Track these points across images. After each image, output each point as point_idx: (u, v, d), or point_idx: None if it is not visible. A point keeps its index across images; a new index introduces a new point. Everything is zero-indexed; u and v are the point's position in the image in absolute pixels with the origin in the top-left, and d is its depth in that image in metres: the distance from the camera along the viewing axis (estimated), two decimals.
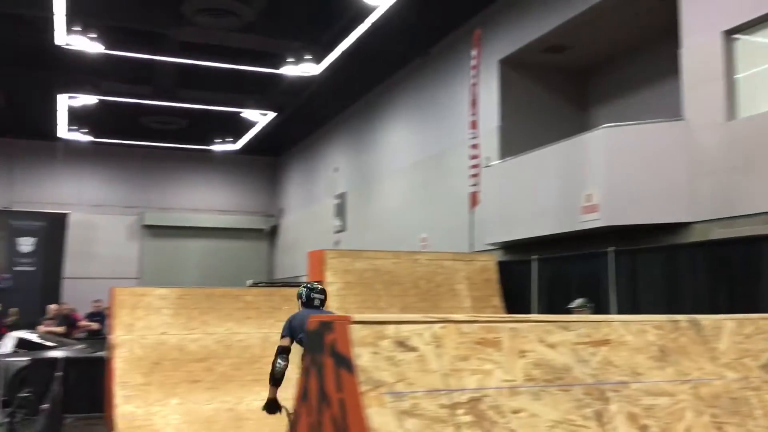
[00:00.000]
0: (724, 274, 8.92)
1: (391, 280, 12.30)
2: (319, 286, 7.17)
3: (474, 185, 13.05)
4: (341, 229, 21.37)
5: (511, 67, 14.04)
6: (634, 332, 3.35)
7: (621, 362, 3.23)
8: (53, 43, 15.87)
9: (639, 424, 3.06)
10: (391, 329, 2.87)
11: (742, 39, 9.52)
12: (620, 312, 10.02)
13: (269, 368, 10.36)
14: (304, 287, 7.12)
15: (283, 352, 6.86)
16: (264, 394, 10.06)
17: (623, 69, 13.54)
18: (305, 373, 3.24)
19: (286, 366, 6.85)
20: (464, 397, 2.82)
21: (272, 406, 6.86)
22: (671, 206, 10.09)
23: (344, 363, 2.77)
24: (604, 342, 3.25)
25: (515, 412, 2.89)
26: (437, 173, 16.17)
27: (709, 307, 8.66)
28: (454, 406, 2.79)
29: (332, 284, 11.76)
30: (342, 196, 21.55)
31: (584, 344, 3.21)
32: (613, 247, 10.45)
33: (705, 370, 3.37)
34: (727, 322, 3.56)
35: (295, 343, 6.84)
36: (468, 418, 2.79)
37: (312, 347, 3.18)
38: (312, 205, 24.46)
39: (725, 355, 3.46)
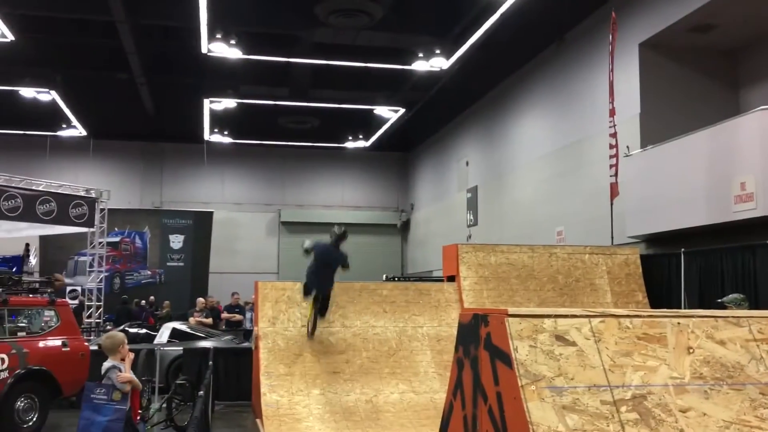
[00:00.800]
0: None
1: (527, 274, 12.04)
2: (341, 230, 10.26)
3: (613, 175, 12.52)
4: (473, 224, 21.21)
5: (652, 50, 13.34)
6: None
7: None
8: (197, 51, 16.82)
9: None
10: (548, 323, 2.79)
11: None
12: None
13: (405, 362, 10.47)
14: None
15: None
16: (402, 387, 10.23)
17: None
18: (458, 365, 3.21)
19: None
20: (628, 394, 2.69)
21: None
22: None
23: (501, 356, 2.71)
24: None
25: (683, 411, 2.72)
26: (573, 164, 15.66)
27: None
28: (617, 403, 2.66)
29: (466, 279, 11.69)
30: (473, 190, 21.38)
31: (758, 341, 2.97)
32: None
33: None
34: None
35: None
36: (632, 416, 2.65)
37: (465, 339, 3.14)
38: (443, 199, 24.45)
39: None
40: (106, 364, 5.98)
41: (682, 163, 11.46)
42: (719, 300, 8.32)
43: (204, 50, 16.68)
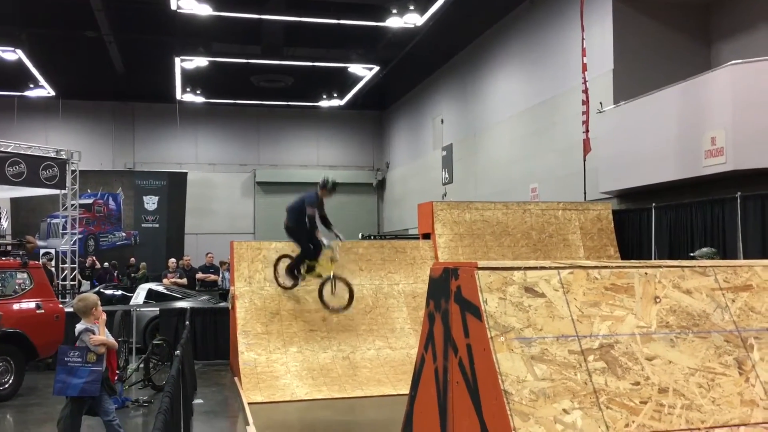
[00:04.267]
0: None
1: (502, 231, 12.16)
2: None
3: (584, 132, 12.58)
4: (448, 182, 21.26)
5: (626, 4, 13.29)
6: None
7: (764, 308, 3.04)
8: (166, 7, 16.43)
9: None
10: (517, 275, 2.82)
11: None
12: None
13: (381, 319, 10.57)
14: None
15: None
16: (378, 343, 10.35)
17: (750, 0, 12.54)
18: (429, 319, 3.25)
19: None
20: (595, 344, 2.75)
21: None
22: None
23: (471, 309, 2.75)
24: (745, 287, 3.06)
25: (649, 359, 2.79)
26: (547, 121, 15.69)
27: None
28: (584, 352, 2.72)
29: (441, 236, 11.77)
30: (448, 148, 21.38)
31: (723, 290, 3.04)
32: (740, 192, 9.84)
33: None
34: None
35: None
36: (599, 365, 2.72)
37: (435, 293, 3.18)
38: (418, 158, 24.44)
39: None
40: (79, 327, 5.97)
41: (654, 118, 11.54)
42: (691, 254, 8.49)
43: (173, 6, 16.30)
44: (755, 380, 2.88)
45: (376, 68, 21.69)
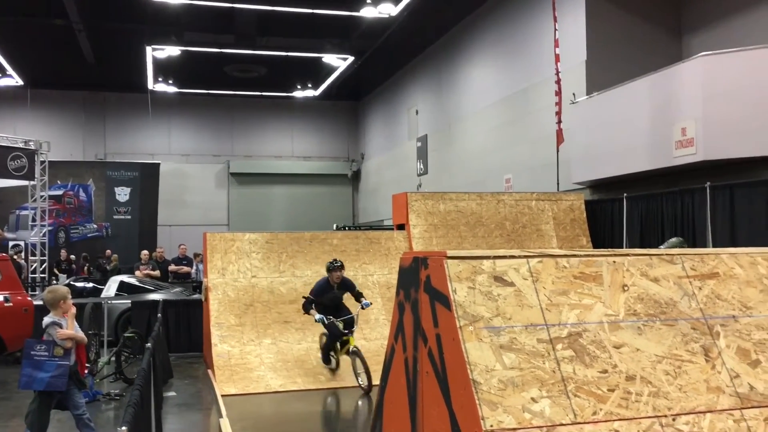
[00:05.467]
0: None
1: (476, 221, 12.20)
2: (339, 262, 9.34)
3: (557, 122, 12.65)
4: (423, 173, 21.28)
5: None
6: (743, 265, 3.17)
7: (730, 296, 3.07)
8: None
9: (750, 360, 2.92)
10: (486, 264, 2.82)
11: None
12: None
13: (356, 309, 10.55)
14: (329, 262, 9.39)
15: (308, 303, 9.10)
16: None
17: None
18: (399, 308, 3.24)
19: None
20: (564, 332, 2.76)
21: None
22: None
23: (440, 298, 2.74)
24: (712, 275, 3.09)
25: (617, 347, 2.81)
26: (522, 112, 15.75)
27: None
28: (553, 341, 2.73)
29: (416, 227, 11.78)
30: (423, 139, 21.39)
31: (690, 278, 3.06)
32: (709, 182, 9.96)
33: None
34: None
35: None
36: (568, 353, 2.73)
37: (405, 283, 3.16)
38: (393, 148, 24.42)
39: None
40: (46, 320, 5.86)
41: (626, 109, 11.63)
42: (660, 246, 8.59)
43: None
44: (721, 367, 2.92)
45: (351, 58, 21.61)
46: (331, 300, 9.27)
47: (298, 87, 25.39)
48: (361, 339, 10.26)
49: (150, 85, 23.82)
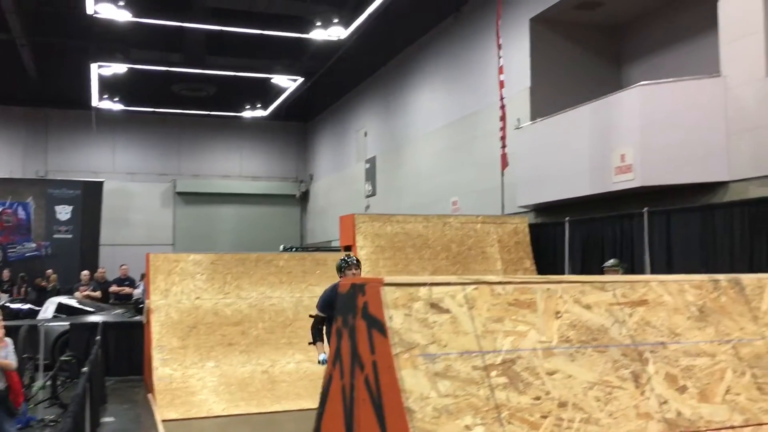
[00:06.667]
0: (762, 234, 8.72)
1: (422, 243, 12.28)
2: (354, 258, 6.95)
3: (503, 147, 12.89)
4: (371, 194, 21.36)
5: (542, 25, 13.72)
6: (672, 292, 3.28)
7: (659, 323, 3.17)
8: (82, 11, 15.93)
9: (678, 385, 3.01)
10: (423, 291, 2.85)
11: None
12: (655, 274, 9.85)
13: (302, 332, 10.45)
14: (341, 259, 6.92)
15: (318, 323, 6.86)
16: (298, 357, 10.25)
17: (658, 24, 13.15)
18: (337, 335, 3.24)
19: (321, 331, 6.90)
20: (498, 359, 2.80)
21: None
22: (708, 165, 9.85)
23: (377, 325, 2.76)
24: (642, 302, 3.19)
25: (550, 373, 2.86)
26: (469, 135, 15.99)
27: (747, 268, 8.48)
28: (487, 368, 2.77)
29: (363, 248, 11.79)
30: (372, 161, 21.49)
31: (621, 305, 3.15)
32: (647, 208, 10.27)
33: (746, 330, 3.29)
34: None
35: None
36: (502, 380, 2.77)
37: (344, 309, 3.17)
38: (342, 170, 24.45)
39: None
40: None
41: (569, 135, 11.93)
42: (602, 266, 8.83)
43: (90, 11, 15.81)
44: (650, 393, 3.00)
45: (301, 79, 21.64)
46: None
47: (248, 107, 25.28)
48: (306, 361, 10.18)
49: (95, 102, 23.37)
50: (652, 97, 10.51)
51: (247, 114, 25.86)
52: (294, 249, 17.72)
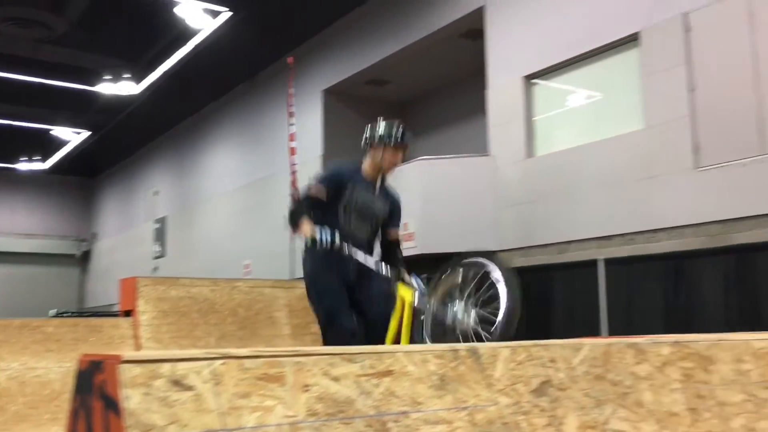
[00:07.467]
0: (527, 299, 9.53)
1: (209, 308, 11.92)
2: (403, 129, 5.16)
3: None
4: (160, 255, 20.51)
5: (334, 97, 14.29)
6: (416, 362, 3.45)
7: (403, 392, 3.31)
8: None
9: None
10: (166, 367, 2.75)
11: (540, 84, 10.35)
12: (433, 334, 10.33)
13: (68, 405, 9.60)
14: (385, 124, 5.09)
15: (307, 202, 4.97)
16: None
17: (439, 104, 14.24)
18: (74, 416, 3.02)
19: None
20: None
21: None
22: (479, 235, 10.68)
23: (112, 406, 2.62)
24: (387, 373, 3.32)
25: None
26: (261, 199, 16.02)
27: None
28: None
29: (144, 313, 11.19)
30: (162, 221, 20.72)
31: (368, 376, 3.26)
32: (426, 274, 10.84)
33: (481, 396, 3.53)
34: (503, 349, 3.78)
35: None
36: None
37: (82, 388, 2.97)
38: (129, 229, 23.29)
39: (500, 381, 3.66)
40: None
41: None
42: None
43: None
44: None
45: (86, 133, 20.51)
46: (359, 212, 5.30)
47: (24, 159, 23.40)
48: None
49: None
50: (431, 171, 11.25)
51: (23, 166, 23.93)
52: (68, 314, 16.42)
